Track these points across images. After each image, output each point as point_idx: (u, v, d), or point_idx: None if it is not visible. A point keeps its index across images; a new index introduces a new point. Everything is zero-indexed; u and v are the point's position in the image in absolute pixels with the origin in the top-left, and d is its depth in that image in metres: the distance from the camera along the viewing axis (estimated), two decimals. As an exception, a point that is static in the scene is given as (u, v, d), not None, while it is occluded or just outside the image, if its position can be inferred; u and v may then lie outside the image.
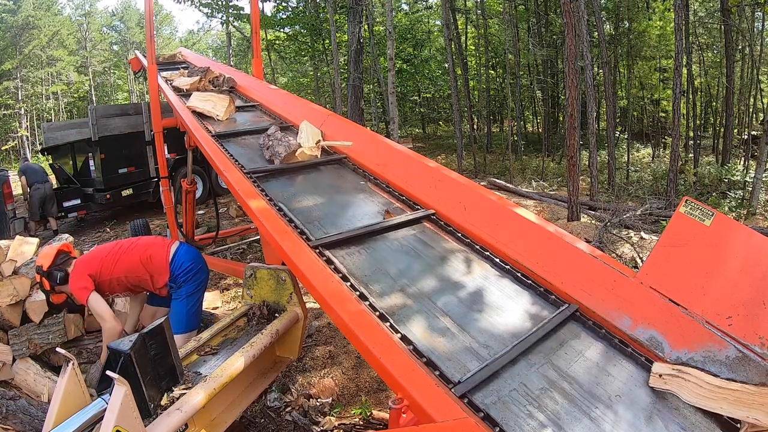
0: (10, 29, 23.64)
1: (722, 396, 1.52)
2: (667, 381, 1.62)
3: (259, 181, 2.56)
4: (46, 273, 2.72)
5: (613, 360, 1.66)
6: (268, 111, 3.84)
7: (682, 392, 1.59)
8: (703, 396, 1.55)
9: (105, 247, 2.89)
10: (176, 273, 2.76)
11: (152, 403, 1.46)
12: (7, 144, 24.53)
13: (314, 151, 2.80)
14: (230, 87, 4.34)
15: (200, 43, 35.57)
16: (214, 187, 8.44)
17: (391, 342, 1.55)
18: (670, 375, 1.62)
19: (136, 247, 2.83)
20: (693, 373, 1.58)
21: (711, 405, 1.52)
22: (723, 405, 1.51)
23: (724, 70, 12.59)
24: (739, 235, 1.71)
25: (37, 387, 2.81)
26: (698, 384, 1.57)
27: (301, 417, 2.82)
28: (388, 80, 9.98)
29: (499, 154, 16.26)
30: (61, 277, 2.72)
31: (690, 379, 1.59)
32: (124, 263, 2.75)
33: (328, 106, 17.50)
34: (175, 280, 2.76)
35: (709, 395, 1.54)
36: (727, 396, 1.52)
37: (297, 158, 2.74)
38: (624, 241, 5.61)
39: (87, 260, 2.77)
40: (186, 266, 2.77)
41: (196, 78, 4.44)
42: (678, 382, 1.61)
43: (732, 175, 10.44)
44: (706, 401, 1.54)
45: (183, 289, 2.77)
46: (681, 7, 9.20)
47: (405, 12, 20.94)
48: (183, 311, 2.76)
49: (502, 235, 2.15)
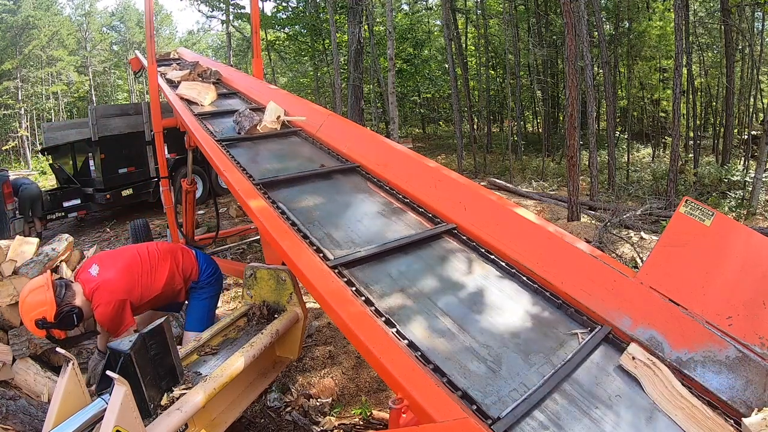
0: (10, 29, 23.63)
1: (680, 405, 1.53)
2: (638, 366, 1.64)
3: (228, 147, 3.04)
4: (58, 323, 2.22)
5: (614, 360, 1.66)
6: (246, 97, 4.42)
7: (646, 383, 1.61)
8: (664, 397, 1.57)
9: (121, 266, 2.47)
10: (202, 276, 2.77)
11: (152, 403, 1.46)
12: (7, 144, 24.52)
13: (274, 124, 3.34)
14: (216, 79, 4.87)
15: (200, 43, 35.55)
16: (214, 187, 8.44)
17: (391, 342, 1.55)
18: (642, 362, 1.64)
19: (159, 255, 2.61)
20: (664, 371, 1.60)
21: (667, 408, 1.53)
22: (678, 413, 1.52)
23: (724, 70, 12.59)
24: (739, 235, 1.71)
25: (37, 387, 2.80)
26: (664, 383, 1.59)
27: (301, 417, 2.82)
28: (388, 80, 9.98)
29: (499, 154, 16.26)
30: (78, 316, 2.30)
31: (658, 375, 1.61)
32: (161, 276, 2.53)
33: (328, 106, 17.50)
34: (199, 282, 2.78)
35: (670, 398, 1.56)
36: (685, 407, 1.52)
37: (258, 131, 3.28)
38: (624, 241, 5.61)
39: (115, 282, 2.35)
40: (210, 270, 2.83)
41: (186, 71, 4.97)
42: (647, 371, 1.62)
43: (732, 175, 10.44)
44: (664, 402, 1.55)
45: (206, 291, 2.80)
46: (681, 7, 9.20)
47: (405, 12, 20.93)
48: (206, 310, 2.80)
49: (502, 235, 2.15)
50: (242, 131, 3.22)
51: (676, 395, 1.56)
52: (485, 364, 1.55)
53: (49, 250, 3.29)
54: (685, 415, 1.50)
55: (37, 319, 2.19)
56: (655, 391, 1.59)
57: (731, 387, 1.53)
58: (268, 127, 3.28)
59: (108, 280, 2.37)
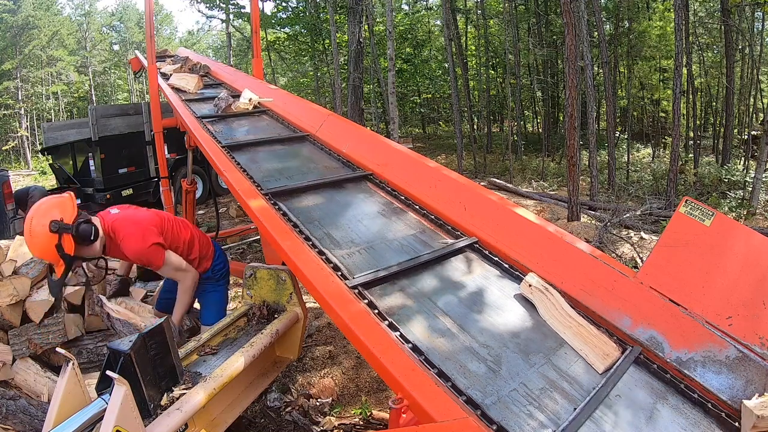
0: (10, 29, 23.64)
1: (568, 325, 1.70)
2: (533, 292, 1.81)
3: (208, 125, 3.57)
4: (74, 228, 2.06)
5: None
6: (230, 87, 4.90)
7: (541, 307, 1.78)
8: (555, 318, 1.74)
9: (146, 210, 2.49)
10: (216, 266, 2.74)
11: (152, 403, 1.46)
12: (7, 144, 24.52)
13: (246, 106, 3.95)
14: (205, 72, 5.42)
15: (200, 43, 35.58)
16: (214, 187, 8.43)
17: (391, 342, 1.55)
18: (537, 288, 1.81)
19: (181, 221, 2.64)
20: (555, 296, 1.77)
21: (558, 328, 1.72)
22: (567, 333, 1.69)
23: (724, 70, 12.59)
24: (739, 235, 1.71)
25: (37, 387, 2.80)
26: (555, 306, 1.76)
27: (301, 417, 2.82)
28: (388, 80, 9.98)
29: (499, 154, 16.27)
30: (95, 233, 2.14)
31: (550, 299, 1.77)
32: (183, 233, 2.52)
33: (328, 106, 17.51)
34: (214, 272, 2.73)
35: (560, 319, 1.73)
36: (573, 327, 1.69)
37: (232, 110, 3.90)
38: (624, 241, 5.61)
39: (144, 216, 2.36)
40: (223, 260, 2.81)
41: (178, 65, 5.65)
42: (541, 297, 1.79)
43: (732, 175, 10.45)
44: (555, 323, 1.72)
45: (221, 283, 2.81)
46: (681, 7, 9.20)
47: (405, 12, 20.93)
48: (222, 302, 2.81)
49: (502, 235, 2.15)
50: (219, 110, 3.91)
51: (566, 316, 1.72)
52: (485, 363, 1.56)
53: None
54: (573, 333, 1.68)
55: (54, 220, 2.02)
56: (548, 313, 1.76)
57: (731, 387, 1.53)
58: (240, 108, 3.94)
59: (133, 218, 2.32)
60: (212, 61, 6.11)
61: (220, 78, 5.29)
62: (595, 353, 1.62)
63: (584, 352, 1.64)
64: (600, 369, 1.59)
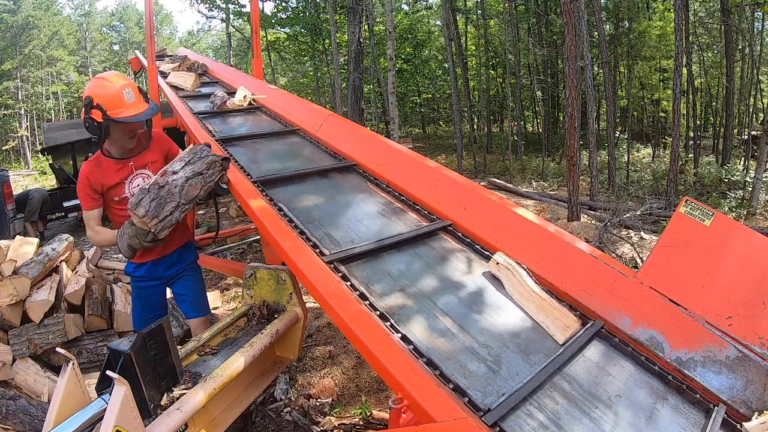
0: (10, 29, 23.64)
1: (531, 299, 1.80)
2: (500, 270, 1.93)
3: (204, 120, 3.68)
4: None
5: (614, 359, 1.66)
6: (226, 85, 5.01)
7: (507, 284, 1.89)
8: (519, 293, 1.84)
9: None
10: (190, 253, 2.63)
11: (152, 403, 1.45)
12: (7, 144, 24.52)
13: (241, 102, 4.08)
14: (203, 71, 5.49)
15: (200, 44, 35.56)
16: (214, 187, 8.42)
17: (391, 342, 1.55)
18: (504, 266, 1.92)
19: None
20: (520, 272, 1.87)
21: (522, 302, 1.82)
22: (530, 306, 1.80)
23: (724, 70, 12.59)
24: (739, 235, 1.71)
25: (37, 387, 2.80)
26: (519, 283, 1.85)
27: (301, 417, 2.82)
28: (388, 80, 9.99)
29: (499, 154, 16.27)
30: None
31: (516, 276, 1.87)
32: None
33: (328, 106, 17.51)
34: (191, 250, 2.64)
35: (524, 294, 1.83)
36: (535, 301, 1.79)
37: (227, 106, 4.03)
38: (624, 241, 5.61)
39: None
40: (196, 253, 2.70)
41: (176, 64, 5.75)
42: (507, 274, 1.90)
43: (732, 175, 10.45)
44: (520, 298, 1.83)
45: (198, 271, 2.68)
46: (681, 7, 9.20)
47: (405, 12, 20.93)
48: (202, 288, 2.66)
49: (502, 235, 2.15)
50: (215, 107, 4.04)
51: (529, 291, 1.82)
52: (485, 363, 1.56)
53: (49, 250, 3.30)
54: (535, 306, 1.78)
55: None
56: (513, 289, 1.87)
57: (731, 387, 1.53)
58: (236, 104, 4.07)
59: None
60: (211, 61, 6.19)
61: (217, 76, 5.39)
62: (556, 325, 1.71)
63: (546, 324, 1.73)
64: (560, 340, 1.68)
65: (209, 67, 5.69)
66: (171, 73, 5.26)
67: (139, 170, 2.39)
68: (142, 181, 2.36)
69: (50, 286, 3.06)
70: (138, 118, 2.25)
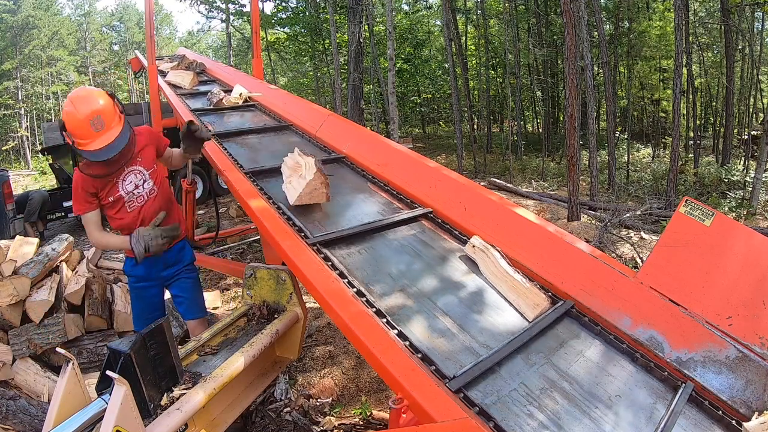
0: (10, 29, 23.64)
1: (504, 280, 1.89)
2: (476, 252, 2.03)
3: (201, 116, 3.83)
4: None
5: (613, 360, 1.66)
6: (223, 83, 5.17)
7: (481, 264, 2.00)
8: (493, 274, 1.93)
9: None
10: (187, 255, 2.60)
11: (152, 403, 1.45)
12: (7, 144, 24.52)
13: (237, 100, 4.23)
14: (201, 70, 5.68)
15: (200, 44, 35.57)
16: (214, 187, 8.42)
17: (391, 342, 1.55)
18: (479, 248, 2.03)
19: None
20: (495, 254, 1.97)
21: (496, 283, 1.91)
22: (503, 286, 1.89)
23: (724, 70, 12.59)
24: (739, 235, 1.71)
25: (37, 387, 2.80)
26: (493, 264, 1.95)
27: (301, 417, 2.82)
28: (388, 80, 9.99)
29: (499, 154, 16.26)
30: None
31: (490, 257, 1.97)
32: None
33: (328, 106, 17.50)
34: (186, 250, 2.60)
35: (498, 275, 1.92)
36: (508, 281, 1.88)
37: (224, 103, 4.17)
38: (624, 241, 5.61)
39: None
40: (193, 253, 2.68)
41: (175, 62, 5.99)
42: (482, 256, 2.00)
43: (732, 175, 10.45)
44: (494, 278, 1.92)
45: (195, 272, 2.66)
46: (681, 7, 9.20)
47: (405, 12, 20.93)
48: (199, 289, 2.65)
49: (502, 235, 2.15)
50: (211, 104, 4.18)
51: (502, 272, 1.91)
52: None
53: (49, 250, 3.29)
54: (508, 286, 1.87)
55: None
56: (487, 270, 1.96)
57: (731, 387, 1.53)
58: (231, 101, 4.22)
59: None
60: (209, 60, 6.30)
61: (214, 75, 5.52)
62: (527, 303, 1.80)
63: (517, 303, 1.83)
64: (530, 317, 1.77)
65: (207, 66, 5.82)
66: (169, 72, 5.38)
67: (130, 167, 2.31)
68: (135, 177, 2.33)
69: (50, 286, 3.06)
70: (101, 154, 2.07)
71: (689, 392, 1.53)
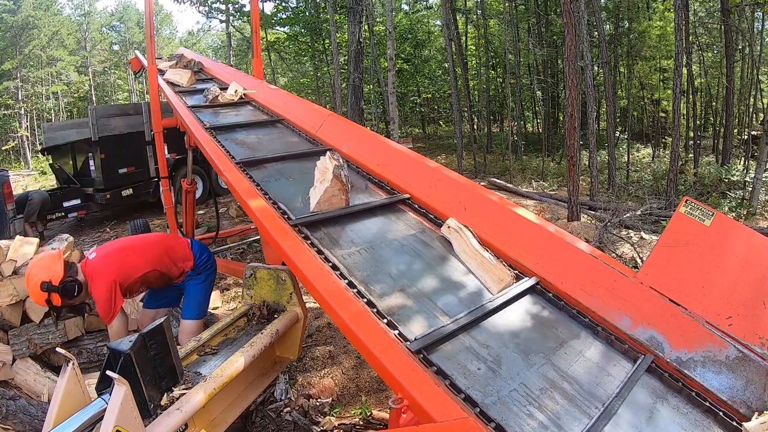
0: (10, 29, 23.62)
1: (474, 257, 2.02)
2: (451, 233, 2.17)
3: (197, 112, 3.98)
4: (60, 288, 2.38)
5: (613, 359, 1.66)
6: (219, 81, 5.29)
7: (455, 244, 2.13)
8: (465, 253, 2.06)
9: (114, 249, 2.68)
10: (198, 262, 2.84)
11: (152, 403, 1.45)
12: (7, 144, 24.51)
13: (232, 97, 4.38)
14: (199, 68, 5.80)
15: (200, 44, 35.54)
16: (214, 187, 8.43)
17: (391, 342, 1.55)
18: (454, 229, 2.16)
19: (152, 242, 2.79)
20: (467, 234, 2.09)
21: (467, 261, 2.04)
22: (472, 263, 2.01)
23: (724, 70, 12.58)
24: (739, 235, 1.71)
25: (37, 387, 2.81)
26: (466, 243, 2.07)
27: (301, 417, 2.82)
28: (388, 80, 9.98)
29: (499, 154, 16.26)
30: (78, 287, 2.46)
31: (462, 237, 2.10)
32: (149, 258, 2.65)
33: (328, 106, 17.50)
34: (197, 267, 2.84)
35: (470, 254, 2.04)
36: (477, 258, 2.01)
37: (219, 100, 4.30)
38: (624, 241, 5.61)
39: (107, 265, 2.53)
40: (205, 255, 2.90)
41: (173, 62, 6.10)
42: (456, 236, 2.14)
43: (732, 175, 10.43)
44: (465, 257, 2.05)
45: (202, 276, 2.87)
46: (681, 7, 9.20)
47: (405, 12, 20.92)
48: (201, 295, 2.87)
49: (502, 235, 2.15)
50: (207, 101, 4.31)
51: (473, 250, 2.03)
52: (485, 364, 1.56)
53: (49, 250, 3.29)
54: (477, 263, 2.00)
55: (44, 281, 2.35)
56: (459, 248, 2.10)
57: (731, 387, 1.53)
58: (226, 98, 4.36)
59: (101, 263, 2.55)
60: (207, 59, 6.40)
61: (212, 74, 5.65)
62: (492, 279, 1.93)
63: (484, 278, 1.96)
64: (494, 291, 1.90)
65: (205, 65, 5.92)
66: (168, 71, 5.50)
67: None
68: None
69: (50, 286, 3.06)
70: None
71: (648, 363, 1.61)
